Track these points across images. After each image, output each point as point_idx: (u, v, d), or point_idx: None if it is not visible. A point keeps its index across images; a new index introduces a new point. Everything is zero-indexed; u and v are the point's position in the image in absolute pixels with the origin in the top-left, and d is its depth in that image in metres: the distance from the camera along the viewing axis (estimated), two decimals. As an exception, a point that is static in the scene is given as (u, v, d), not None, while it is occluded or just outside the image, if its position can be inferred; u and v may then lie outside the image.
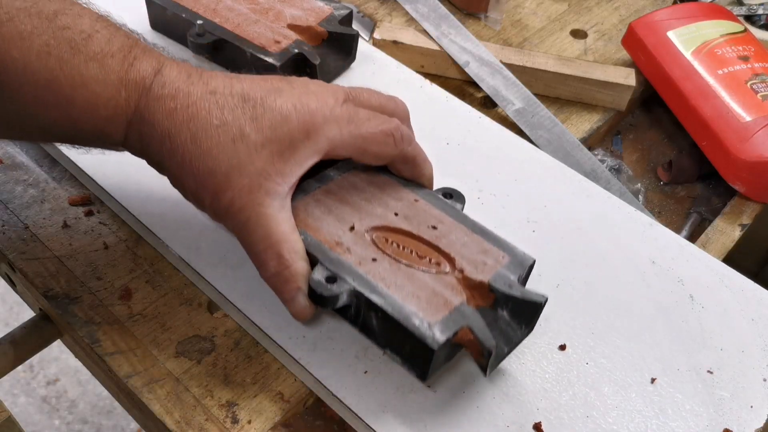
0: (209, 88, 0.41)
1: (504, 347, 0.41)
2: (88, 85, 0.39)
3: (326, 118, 0.41)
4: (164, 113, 0.40)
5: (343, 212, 0.44)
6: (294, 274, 0.40)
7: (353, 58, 0.64)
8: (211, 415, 0.43)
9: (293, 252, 0.40)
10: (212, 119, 0.40)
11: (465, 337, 0.39)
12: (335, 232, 0.43)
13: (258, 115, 0.40)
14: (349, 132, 0.42)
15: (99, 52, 0.39)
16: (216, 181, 0.40)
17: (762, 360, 0.47)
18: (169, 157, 0.40)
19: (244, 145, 0.40)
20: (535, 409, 0.43)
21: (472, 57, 0.70)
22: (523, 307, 0.41)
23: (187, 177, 0.41)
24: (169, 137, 0.40)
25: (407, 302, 0.40)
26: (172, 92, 0.40)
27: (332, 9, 0.62)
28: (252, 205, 0.40)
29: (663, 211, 0.64)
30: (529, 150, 0.59)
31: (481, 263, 0.42)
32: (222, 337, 0.47)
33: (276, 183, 0.40)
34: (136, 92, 0.40)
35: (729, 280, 0.51)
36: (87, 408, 1.43)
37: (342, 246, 0.42)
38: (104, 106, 0.40)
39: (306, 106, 0.41)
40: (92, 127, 0.41)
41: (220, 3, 0.61)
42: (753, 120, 0.62)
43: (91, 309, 0.47)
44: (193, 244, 0.49)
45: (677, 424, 0.43)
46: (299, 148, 0.41)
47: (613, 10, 0.82)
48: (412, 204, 0.45)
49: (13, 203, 0.53)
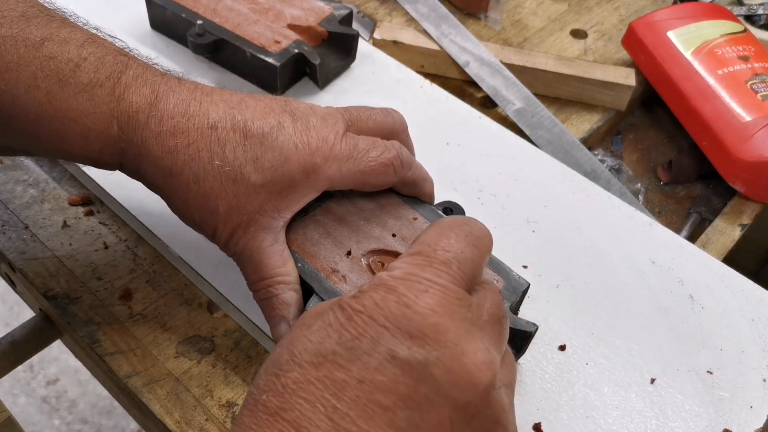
0: (209, 122, 0.40)
1: None
2: (79, 119, 0.38)
3: (326, 158, 0.41)
4: (164, 151, 0.39)
5: (341, 235, 0.44)
6: (279, 304, 0.41)
7: (353, 58, 0.64)
8: (211, 415, 0.43)
9: (282, 283, 0.42)
10: (213, 158, 0.39)
11: None
12: (332, 257, 0.43)
13: (259, 156, 0.40)
14: (348, 169, 0.42)
15: (87, 83, 0.38)
16: (217, 219, 0.41)
17: (762, 360, 0.47)
18: (172, 194, 0.41)
19: (244, 187, 0.40)
20: (535, 409, 0.43)
21: (472, 57, 0.70)
22: (514, 336, 0.41)
23: (190, 212, 0.41)
24: (171, 175, 0.40)
25: None
26: (170, 129, 0.39)
27: (332, 9, 0.62)
28: (247, 239, 0.41)
29: (663, 211, 0.64)
30: (529, 150, 0.59)
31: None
32: (222, 337, 0.47)
33: (272, 218, 0.41)
34: (129, 125, 0.39)
35: (729, 280, 0.51)
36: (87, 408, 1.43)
37: (338, 274, 0.43)
38: (95, 139, 0.39)
39: (307, 145, 0.41)
40: (85, 157, 0.41)
41: (220, 3, 0.61)
42: (753, 120, 0.62)
43: (91, 309, 0.47)
44: (193, 244, 0.49)
45: (677, 424, 0.43)
46: (298, 187, 0.41)
47: (613, 10, 0.82)
48: (411, 222, 0.46)
49: (13, 203, 0.53)
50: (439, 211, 0.47)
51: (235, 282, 0.47)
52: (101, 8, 0.64)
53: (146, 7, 0.63)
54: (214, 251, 0.49)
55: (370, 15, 0.76)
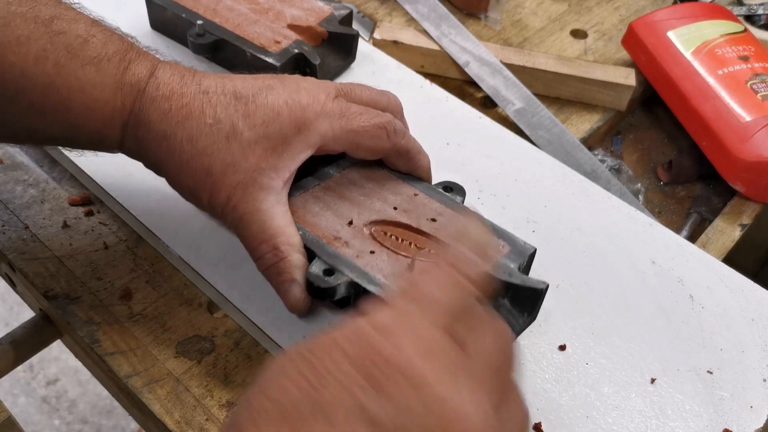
0: (202, 88, 0.41)
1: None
2: (85, 89, 0.39)
3: (317, 114, 0.42)
4: (159, 115, 0.40)
5: (342, 208, 0.45)
6: (289, 266, 0.41)
7: (353, 58, 0.63)
8: (211, 415, 0.43)
9: (288, 245, 0.41)
10: (206, 118, 0.40)
11: None
12: (333, 227, 0.43)
13: (250, 112, 0.41)
14: (340, 126, 0.42)
15: (95, 56, 0.40)
16: (213, 180, 0.40)
17: (762, 360, 0.47)
18: (166, 158, 0.41)
19: (237, 143, 0.40)
20: (535, 410, 0.43)
21: (472, 57, 0.70)
22: (524, 295, 0.41)
23: (185, 177, 0.41)
24: (165, 138, 0.40)
25: None
26: (166, 93, 0.40)
27: (332, 9, 0.62)
28: (247, 201, 0.40)
29: (663, 211, 0.64)
30: (529, 150, 0.59)
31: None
32: (222, 337, 0.47)
33: (270, 178, 0.41)
34: (131, 95, 0.40)
35: (729, 280, 0.51)
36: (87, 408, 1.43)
37: (340, 240, 0.42)
38: (101, 110, 0.40)
39: (297, 102, 0.42)
40: (89, 131, 0.41)
41: (220, 3, 0.61)
42: (753, 120, 0.62)
43: (91, 309, 0.47)
44: (193, 244, 0.49)
45: (677, 424, 0.43)
46: (292, 144, 0.41)
47: (613, 10, 0.82)
48: (411, 198, 0.46)
49: (13, 203, 0.53)
50: (440, 189, 0.47)
51: (235, 282, 0.47)
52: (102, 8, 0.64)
53: (146, 7, 0.63)
54: (214, 251, 0.49)
55: (370, 15, 0.76)
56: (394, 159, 0.46)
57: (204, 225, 0.50)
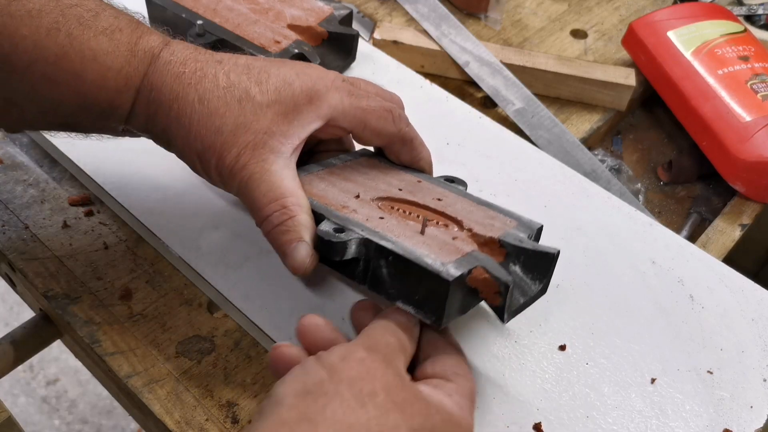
0: (216, 58, 0.42)
1: (519, 298, 0.39)
2: (98, 57, 0.40)
3: (328, 87, 0.43)
4: (173, 77, 0.41)
5: (347, 187, 0.45)
6: (296, 225, 0.40)
7: (353, 58, 0.63)
8: (211, 415, 0.43)
9: (297, 205, 0.40)
10: (219, 81, 0.41)
11: (479, 276, 0.38)
12: (340, 199, 0.43)
13: (263, 80, 0.42)
14: (350, 102, 0.43)
15: (108, 27, 0.40)
16: (222, 140, 0.40)
17: (762, 360, 0.47)
18: (177, 120, 0.41)
19: (250, 105, 0.41)
20: (535, 410, 0.43)
21: (472, 57, 0.70)
22: (536, 261, 0.40)
23: (195, 139, 0.41)
24: (177, 100, 0.41)
25: (418, 248, 0.39)
26: (180, 59, 0.41)
27: (332, 9, 0.62)
28: (256, 161, 0.40)
29: (663, 211, 0.64)
30: (529, 150, 0.59)
31: (489, 225, 0.42)
32: (222, 337, 0.47)
33: (280, 142, 0.41)
34: (144, 61, 0.41)
35: (729, 280, 0.51)
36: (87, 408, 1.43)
37: (348, 209, 0.42)
38: (114, 78, 0.40)
39: (308, 75, 0.43)
40: (101, 101, 0.41)
41: (220, 3, 0.61)
42: (753, 120, 0.62)
43: (91, 309, 0.47)
44: (193, 244, 0.49)
45: (677, 424, 0.43)
46: (302, 112, 0.42)
47: (613, 10, 0.82)
48: (416, 183, 0.46)
49: (13, 203, 0.53)
50: (441, 179, 0.47)
51: (235, 282, 0.47)
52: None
53: (146, 7, 0.63)
54: (214, 251, 0.49)
55: (370, 15, 0.76)
56: (398, 147, 0.47)
57: (204, 225, 0.50)
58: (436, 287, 0.37)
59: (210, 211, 0.51)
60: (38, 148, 0.57)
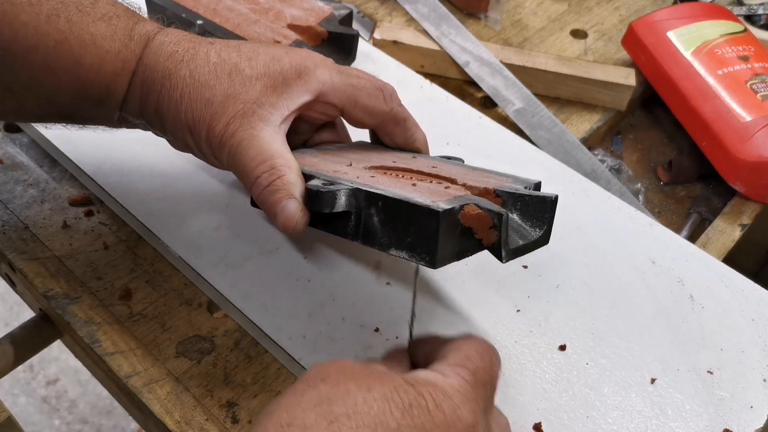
0: (208, 40, 0.44)
1: (518, 239, 0.38)
2: (97, 42, 0.41)
3: (317, 64, 0.44)
4: (166, 56, 0.42)
5: (339, 159, 0.45)
6: (286, 183, 0.40)
7: (353, 58, 0.63)
8: (211, 415, 0.43)
9: (285, 166, 0.40)
10: (210, 58, 0.42)
11: (471, 212, 0.37)
12: (332, 167, 0.43)
13: (252, 56, 0.43)
14: (340, 78, 0.44)
15: (105, 13, 0.41)
16: (212, 111, 0.41)
17: (762, 360, 0.47)
18: (168, 96, 0.42)
19: (239, 77, 0.42)
20: (535, 410, 0.43)
21: (472, 57, 0.70)
22: (534, 207, 0.39)
23: (185, 113, 0.42)
24: (169, 77, 0.42)
25: (409, 194, 0.38)
26: (174, 40, 0.43)
27: (332, 9, 0.62)
28: (245, 128, 0.41)
29: (663, 211, 0.64)
30: (529, 150, 0.59)
31: (485, 181, 0.42)
32: (222, 337, 0.47)
33: (269, 112, 0.42)
34: (140, 44, 0.42)
35: (729, 280, 0.51)
36: (87, 408, 1.43)
37: (339, 172, 0.42)
38: (111, 62, 0.41)
39: (298, 53, 0.44)
40: (99, 86, 0.42)
41: (220, 3, 0.61)
42: (753, 120, 0.62)
43: (91, 309, 0.47)
44: (193, 244, 0.49)
45: (677, 424, 0.43)
46: (291, 86, 0.43)
47: (613, 10, 0.82)
48: (410, 158, 0.46)
49: (13, 203, 0.53)
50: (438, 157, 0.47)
51: (235, 282, 0.47)
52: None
53: (146, 7, 0.63)
54: (214, 251, 0.49)
55: (370, 15, 0.76)
56: (390, 128, 0.47)
57: (204, 225, 0.50)
58: (426, 222, 0.36)
59: (210, 212, 0.51)
60: (38, 148, 0.57)
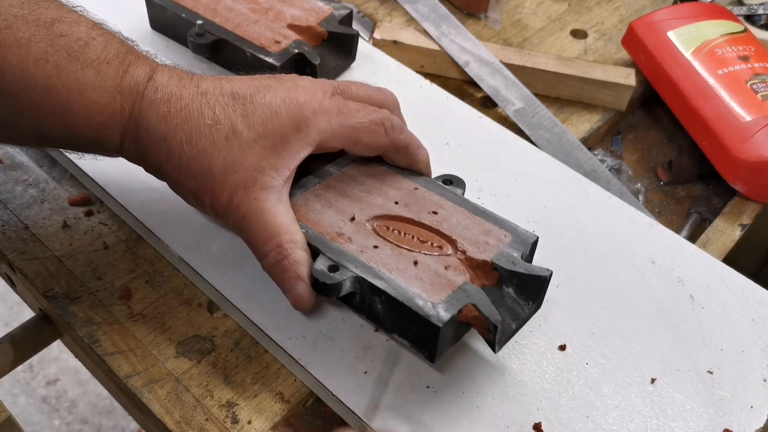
0: (200, 90, 0.42)
1: (511, 323, 0.41)
2: (85, 91, 0.39)
3: (315, 111, 0.42)
4: (158, 117, 0.41)
5: (344, 204, 0.45)
6: (293, 263, 0.41)
7: (353, 58, 0.63)
8: (211, 415, 0.43)
9: (292, 242, 0.41)
10: (205, 119, 0.41)
11: (470, 314, 0.39)
12: (336, 223, 0.44)
13: (248, 112, 0.41)
14: (339, 123, 0.43)
15: (95, 59, 0.40)
16: (213, 180, 0.41)
17: (762, 360, 0.47)
18: (166, 160, 0.41)
19: (237, 143, 0.41)
20: (535, 409, 0.43)
21: (472, 57, 0.70)
22: (528, 283, 0.41)
23: (186, 179, 0.41)
24: (165, 141, 0.41)
25: (410, 284, 0.40)
26: (165, 96, 0.41)
27: (332, 9, 0.62)
28: (249, 200, 0.41)
29: (663, 211, 0.64)
30: (529, 150, 0.59)
31: (483, 243, 0.43)
32: (222, 337, 0.47)
33: (271, 177, 0.41)
34: (130, 98, 0.41)
35: (729, 280, 0.51)
36: (87, 408, 1.43)
37: (343, 236, 0.43)
38: (100, 113, 0.40)
39: (295, 100, 0.42)
40: (88, 134, 0.41)
41: (220, 3, 0.61)
42: (753, 120, 0.62)
43: (91, 309, 0.47)
44: (193, 244, 0.49)
45: (677, 424, 0.43)
46: (291, 141, 0.42)
47: (613, 10, 0.82)
48: (412, 192, 0.46)
49: (13, 203, 0.53)
50: (439, 182, 0.48)
51: (235, 282, 0.47)
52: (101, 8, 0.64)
53: (146, 7, 0.63)
54: (214, 251, 0.49)
55: (370, 15, 0.76)
56: (392, 155, 0.47)
57: (204, 225, 0.50)
58: (427, 329, 0.39)
59: (210, 211, 0.51)
60: (40, 149, 0.57)
